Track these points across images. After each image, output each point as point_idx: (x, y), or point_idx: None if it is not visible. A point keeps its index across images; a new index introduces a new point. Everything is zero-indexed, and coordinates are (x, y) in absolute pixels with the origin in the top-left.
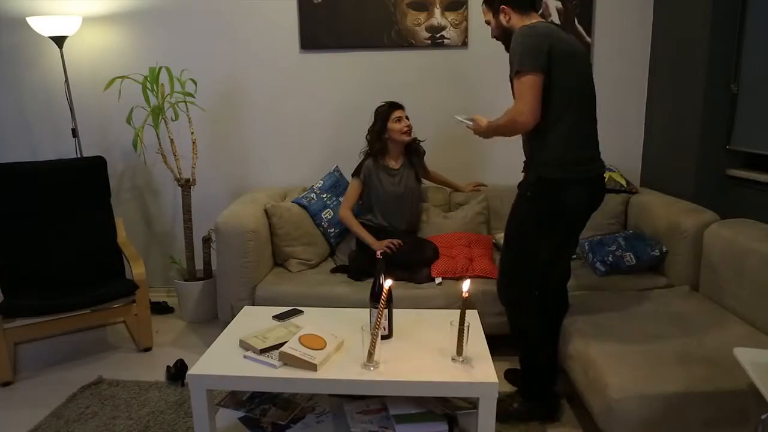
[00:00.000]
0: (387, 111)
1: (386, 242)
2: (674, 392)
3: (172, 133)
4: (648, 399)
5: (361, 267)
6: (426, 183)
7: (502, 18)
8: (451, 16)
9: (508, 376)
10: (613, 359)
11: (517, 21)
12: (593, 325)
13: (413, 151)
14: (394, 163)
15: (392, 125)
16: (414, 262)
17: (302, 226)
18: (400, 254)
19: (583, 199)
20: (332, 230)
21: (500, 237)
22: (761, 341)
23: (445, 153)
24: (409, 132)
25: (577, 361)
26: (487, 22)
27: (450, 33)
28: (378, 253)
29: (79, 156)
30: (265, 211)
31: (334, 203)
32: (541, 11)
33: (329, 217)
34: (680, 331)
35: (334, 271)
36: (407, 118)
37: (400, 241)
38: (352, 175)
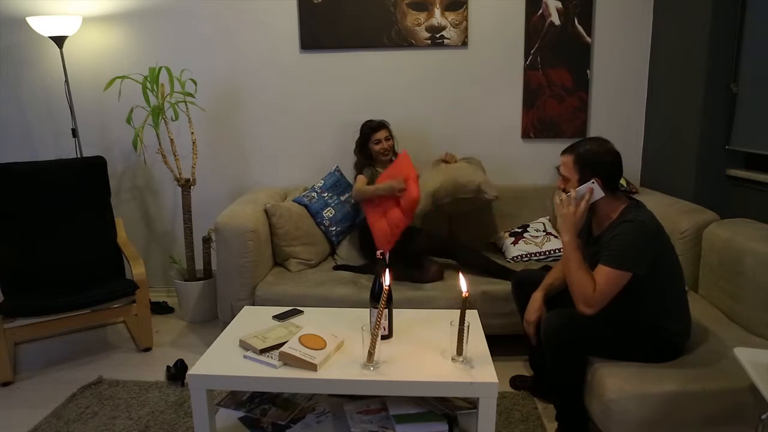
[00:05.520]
0: (369, 132)
1: (399, 183)
2: (671, 391)
3: (172, 133)
4: (645, 398)
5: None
6: None
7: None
8: (451, 16)
9: (515, 382)
10: (610, 359)
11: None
12: None
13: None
14: (382, 169)
15: (372, 146)
16: (428, 252)
17: (302, 226)
18: (413, 248)
19: None
20: (333, 228)
21: (498, 237)
22: (759, 342)
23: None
24: (387, 153)
25: None
26: (566, 179)
27: (450, 33)
28: (378, 252)
29: (79, 156)
30: (265, 210)
31: (336, 202)
32: (541, 11)
33: (330, 215)
34: None
35: (336, 268)
36: (389, 137)
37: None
38: (357, 173)
